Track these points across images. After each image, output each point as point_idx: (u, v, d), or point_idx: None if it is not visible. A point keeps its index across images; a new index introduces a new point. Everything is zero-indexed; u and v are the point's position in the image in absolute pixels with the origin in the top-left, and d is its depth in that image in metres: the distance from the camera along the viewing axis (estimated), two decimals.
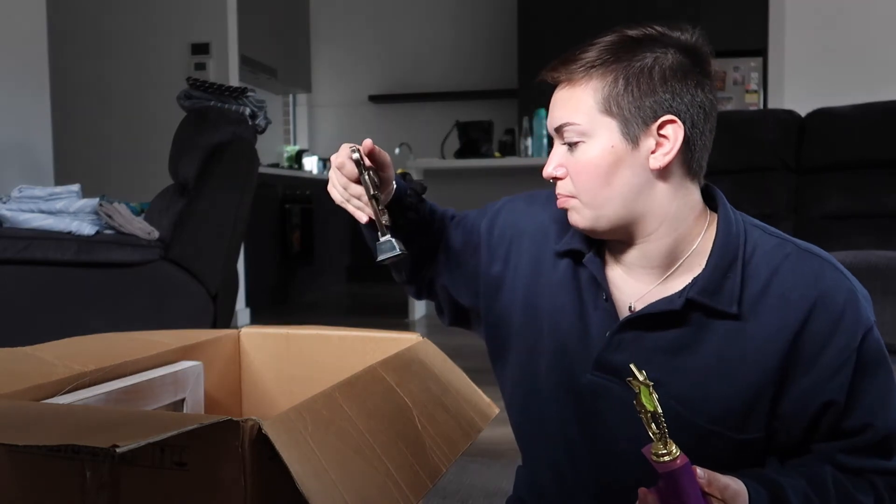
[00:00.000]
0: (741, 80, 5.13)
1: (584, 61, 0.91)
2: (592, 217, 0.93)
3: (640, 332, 0.94)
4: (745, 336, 0.90)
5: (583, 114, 0.91)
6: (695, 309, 0.92)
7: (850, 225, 2.69)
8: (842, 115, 2.86)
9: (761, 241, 0.94)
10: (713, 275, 0.91)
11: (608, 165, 0.90)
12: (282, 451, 0.72)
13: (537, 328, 1.03)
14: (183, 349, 1.26)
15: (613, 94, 0.89)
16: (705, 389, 0.91)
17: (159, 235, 2.52)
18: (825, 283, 0.90)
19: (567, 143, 0.93)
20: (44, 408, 0.86)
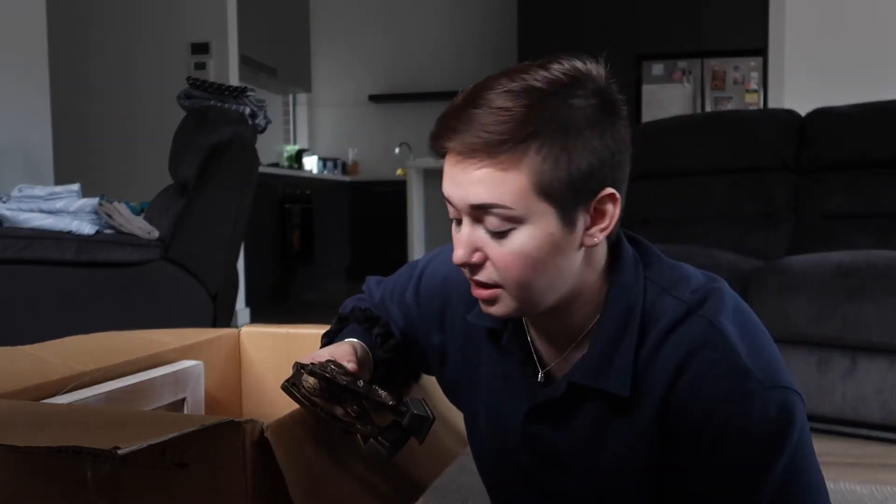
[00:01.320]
0: (741, 80, 5.13)
1: (517, 133, 0.74)
2: (519, 308, 0.81)
3: (547, 423, 0.88)
4: (642, 414, 0.81)
5: (514, 197, 0.75)
6: (587, 392, 0.83)
7: (850, 225, 2.69)
8: (842, 115, 2.85)
9: (659, 304, 0.82)
10: (599, 351, 0.82)
11: (545, 255, 0.77)
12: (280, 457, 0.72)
13: (475, 396, 0.98)
14: (183, 348, 1.26)
15: (549, 173, 0.75)
16: (618, 475, 0.84)
17: (159, 235, 2.52)
18: (699, 349, 0.78)
19: (487, 228, 0.78)
20: (44, 408, 0.86)
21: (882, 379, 2.09)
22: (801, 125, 2.93)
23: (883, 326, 2.06)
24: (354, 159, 7.14)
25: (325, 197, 6.34)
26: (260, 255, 5.09)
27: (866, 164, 2.75)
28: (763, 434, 0.76)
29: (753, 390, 0.76)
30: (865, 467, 1.95)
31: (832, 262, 2.20)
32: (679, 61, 5.19)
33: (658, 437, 0.81)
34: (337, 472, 0.81)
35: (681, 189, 3.03)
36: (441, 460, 1.04)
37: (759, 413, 0.76)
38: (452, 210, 0.80)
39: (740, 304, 0.84)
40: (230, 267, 2.80)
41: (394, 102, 7.02)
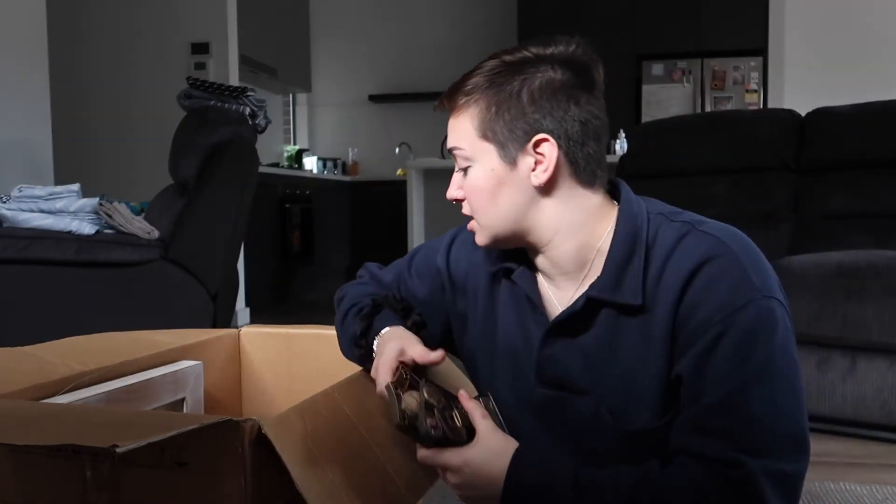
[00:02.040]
0: (741, 80, 5.13)
1: (461, 90, 0.97)
2: (488, 234, 1.00)
3: (564, 339, 0.98)
4: (652, 324, 0.92)
5: (466, 140, 0.97)
6: (601, 307, 0.95)
7: (851, 225, 2.69)
8: (842, 115, 2.85)
9: (664, 229, 0.95)
10: (611, 269, 0.94)
11: (492, 187, 0.96)
12: (282, 451, 0.72)
13: (493, 352, 1.07)
14: (183, 349, 1.26)
15: (487, 120, 0.95)
16: (630, 393, 0.93)
17: (159, 235, 2.52)
18: (707, 256, 0.90)
19: (460, 168, 0.99)
20: (44, 407, 0.86)
21: (882, 379, 2.09)
22: (801, 125, 2.93)
23: (883, 326, 2.05)
24: (354, 159, 7.14)
25: (325, 197, 6.34)
26: (260, 255, 5.09)
27: (866, 164, 2.75)
28: (753, 330, 0.86)
29: (752, 298, 0.87)
30: (865, 467, 1.95)
31: (832, 262, 2.20)
32: (679, 61, 5.19)
33: (669, 347, 0.90)
34: (342, 464, 0.81)
35: (681, 189, 3.03)
36: None
37: (753, 314, 0.87)
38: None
39: (733, 229, 0.96)
40: (230, 267, 2.80)
41: (394, 102, 7.02)
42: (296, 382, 1.40)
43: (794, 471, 0.85)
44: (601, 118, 0.97)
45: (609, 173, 1.02)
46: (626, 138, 4.30)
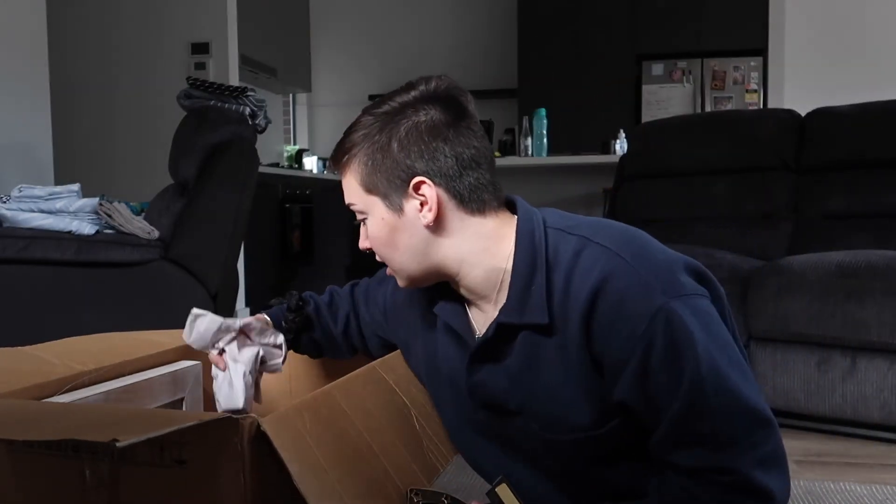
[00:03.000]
0: (741, 80, 5.13)
1: (342, 150, 1.03)
2: (404, 277, 1.05)
3: (487, 364, 1.01)
4: (567, 343, 0.93)
5: (355, 196, 1.02)
6: (515, 330, 0.97)
7: (850, 225, 2.69)
8: (842, 115, 2.85)
9: (562, 243, 0.96)
10: (515, 291, 0.96)
11: (387, 235, 1.01)
12: (280, 449, 0.72)
13: (436, 377, 1.12)
14: (182, 349, 1.26)
15: (367, 174, 1.00)
16: (555, 407, 0.96)
17: (159, 235, 2.52)
18: (605, 274, 0.90)
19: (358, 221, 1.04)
20: (44, 406, 0.86)
21: (882, 379, 2.09)
22: (801, 125, 2.93)
23: (883, 326, 2.05)
24: None
25: (325, 197, 6.34)
26: (260, 255, 5.09)
27: (866, 164, 2.75)
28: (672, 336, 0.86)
29: (659, 306, 0.87)
30: (865, 467, 1.95)
31: (832, 262, 2.20)
32: (679, 61, 5.19)
33: (586, 361, 0.92)
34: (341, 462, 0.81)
35: (681, 189, 3.03)
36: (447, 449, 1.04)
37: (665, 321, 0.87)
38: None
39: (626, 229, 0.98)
40: (230, 267, 2.80)
41: None
42: (295, 382, 1.40)
43: (773, 445, 0.87)
44: (476, 146, 0.99)
45: (608, 174, 1.04)
46: (626, 138, 4.30)
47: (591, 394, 0.93)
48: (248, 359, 1.15)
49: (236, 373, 1.12)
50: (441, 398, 1.13)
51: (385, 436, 0.93)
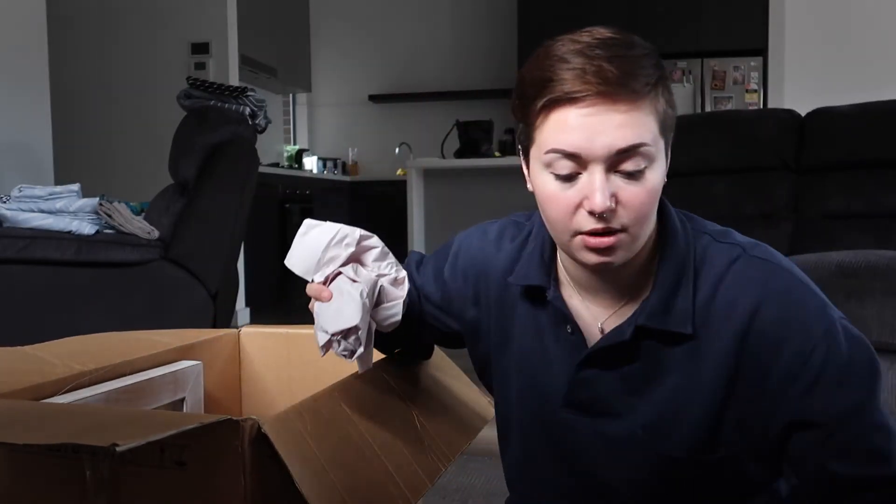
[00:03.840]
0: (741, 80, 5.13)
1: (649, 76, 0.80)
2: (634, 250, 0.85)
3: (599, 367, 0.90)
4: (701, 354, 0.85)
5: (651, 134, 0.81)
6: (649, 335, 0.87)
7: (850, 225, 2.69)
8: (842, 115, 2.85)
9: (711, 249, 0.88)
10: (662, 294, 0.86)
11: (660, 189, 0.84)
12: (281, 451, 0.72)
13: (508, 367, 1.00)
14: (183, 349, 1.26)
15: (668, 112, 0.84)
16: (672, 416, 0.87)
17: (159, 235, 2.52)
18: (771, 286, 0.83)
19: (623, 171, 0.81)
20: (44, 407, 0.86)
21: (882, 379, 2.09)
22: (801, 125, 2.93)
23: (883, 326, 2.05)
24: (354, 159, 7.14)
25: (325, 197, 6.34)
26: (260, 255, 5.09)
27: (866, 164, 2.75)
28: (860, 361, 0.82)
29: (835, 319, 0.82)
30: None
31: (832, 262, 2.20)
32: (679, 61, 5.19)
33: (723, 382, 0.84)
34: (343, 465, 0.81)
35: (681, 189, 3.03)
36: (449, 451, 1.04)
37: (846, 339, 0.82)
38: (569, 165, 0.81)
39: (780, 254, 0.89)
40: (230, 267, 2.80)
41: (394, 102, 7.02)
42: (296, 382, 1.40)
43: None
44: None
45: None
46: None
47: (713, 410, 0.85)
48: (369, 280, 0.89)
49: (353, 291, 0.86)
50: (509, 390, 1.00)
51: (386, 436, 0.93)
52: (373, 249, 0.94)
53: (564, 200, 0.82)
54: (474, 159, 4.55)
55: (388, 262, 0.94)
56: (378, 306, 0.90)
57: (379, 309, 0.90)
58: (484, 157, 4.63)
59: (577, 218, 0.82)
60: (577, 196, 0.81)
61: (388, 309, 0.91)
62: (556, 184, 0.82)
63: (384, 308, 0.91)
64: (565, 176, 0.81)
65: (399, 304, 0.91)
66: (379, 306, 0.90)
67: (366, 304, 0.86)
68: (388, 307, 0.91)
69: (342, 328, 0.85)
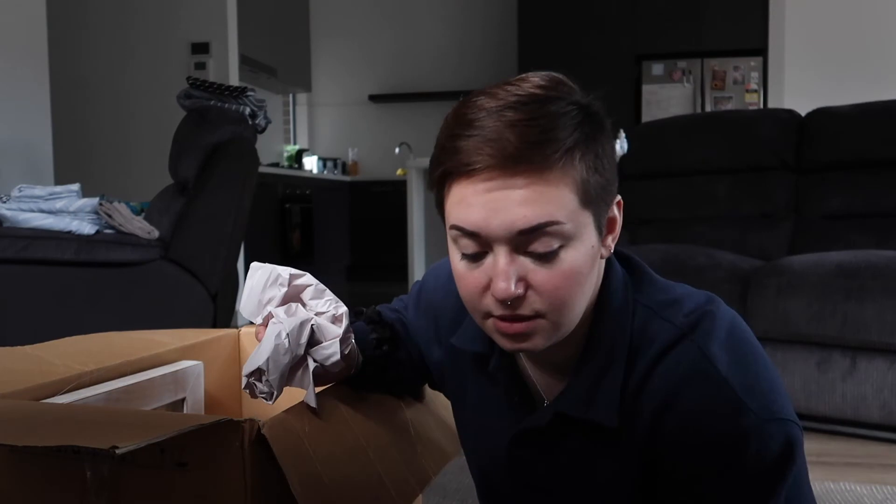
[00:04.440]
0: (741, 80, 5.13)
1: (559, 141, 0.69)
2: (558, 336, 0.76)
3: (530, 448, 0.85)
4: (624, 444, 0.78)
5: (568, 212, 0.71)
6: (571, 422, 0.80)
7: (850, 225, 2.69)
8: (842, 115, 2.85)
9: (651, 327, 0.78)
10: (585, 380, 0.78)
11: (587, 269, 0.74)
12: (279, 454, 0.72)
13: (466, 422, 0.97)
14: (183, 349, 1.26)
15: (594, 179, 0.72)
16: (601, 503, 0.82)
17: (159, 235, 2.52)
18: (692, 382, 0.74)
19: (532, 253, 0.71)
20: (44, 407, 0.86)
21: (882, 379, 2.09)
22: (801, 125, 2.93)
23: (883, 326, 2.05)
24: (354, 159, 7.14)
25: (325, 197, 6.34)
26: (260, 255, 5.07)
27: (866, 164, 2.75)
28: (760, 472, 0.73)
29: (748, 426, 0.72)
30: (865, 467, 1.95)
31: (832, 262, 2.20)
32: (679, 61, 5.19)
33: (644, 468, 0.78)
34: (337, 469, 0.81)
35: (681, 189, 3.03)
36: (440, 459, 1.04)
37: (755, 450, 0.72)
38: (472, 244, 0.73)
39: (736, 326, 0.79)
40: (230, 267, 2.80)
41: (394, 102, 7.02)
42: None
43: None
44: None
45: None
46: (625, 138, 4.30)
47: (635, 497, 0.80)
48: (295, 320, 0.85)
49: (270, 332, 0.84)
50: (467, 436, 0.97)
51: (381, 441, 0.93)
52: (308, 288, 0.91)
53: (472, 281, 0.74)
54: None
55: (325, 300, 0.90)
56: (316, 346, 0.86)
57: (317, 348, 0.86)
58: None
59: (485, 300, 0.74)
60: (483, 277, 0.73)
61: (326, 348, 0.86)
62: (464, 263, 0.75)
63: (322, 347, 0.86)
64: (471, 255, 0.73)
65: (335, 342, 0.86)
66: (317, 346, 0.86)
67: (283, 344, 0.82)
68: (325, 346, 0.86)
69: (249, 370, 0.83)
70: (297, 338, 0.84)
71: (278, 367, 0.83)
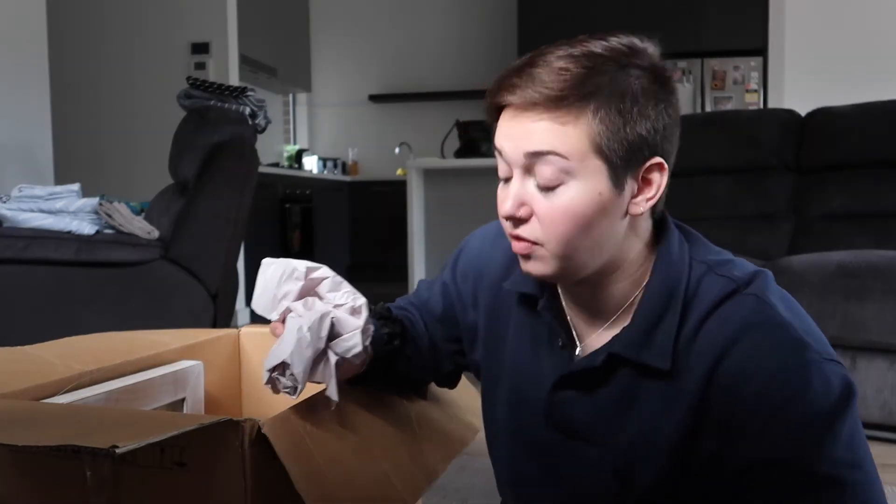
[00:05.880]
0: (741, 80, 5.13)
1: (578, 92, 0.77)
2: (559, 268, 0.82)
3: (577, 387, 0.88)
4: (676, 390, 0.82)
5: (572, 150, 0.77)
6: (624, 364, 0.84)
7: (850, 225, 2.69)
8: (842, 115, 2.85)
9: (706, 282, 0.83)
10: (641, 324, 0.83)
11: (592, 214, 0.79)
12: (280, 452, 0.72)
13: (499, 374, 0.98)
14: (183, 349, 1.26)
15: (609, 133, 0.78)
16: (641, 450, 0.84)
17: (159, 235, 2.52)
18: (750, 326, 0.78)
19: (540, 183, 0.80)
20: (44, 407, 0.86)
21: (882, 379, 2.09)
22: (801, 125, 2.93)
23: (883, 326, 2.05)
24: (354, 159, 7.15)
25: (325, 197, 6.34)
26: (260, 255, 5.07)
27: (866, 164, 2.75)
28: (825, 405, 0.75)
29: (811, 360, 0.76)
30: None
31: (832, 262, 2.20)
32: (679, 61, 5.19)
33: (692, 418, 0.81)
34: (342, 466, 0.81)
35: (681, 189, 3.03)
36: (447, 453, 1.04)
37: (820, 383, 0.75)
38: (503, 167, 0.83)
39: (785, 291, 0.85)
40: (230, 267, 2.80)
41: (394, 102, 7.02)
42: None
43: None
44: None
45: None
46: None
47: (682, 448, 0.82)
48: (315, 313, 0.85)
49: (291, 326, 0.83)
50: (497, 400, 0.98)
51: (385, 438, 0.93)
52: (324, 280, 0.91)
53: (498, 200, 0.84)
54: (474, 159, 4.55)
55: (343, 292, 0.90)
56: (336, 339, 0.86)
57: (338, 342, 0.86)
58: (484, 157, 4.63)
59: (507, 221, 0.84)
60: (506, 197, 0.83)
61: (347, 340, 0.86)
62: (500, 185, 0.85)
63: (343, 340, 0.86)
64: (504, 178, 0.84)
65: (357, 333, 0.86)
66: (338, 339, 0.86)
67: (305, 338, 0.82)
68: (346, 339, 0.86)
69: (272, 364, 0.83)
70: (317, 331, 0.84)
71: (302, 360, 0.83)
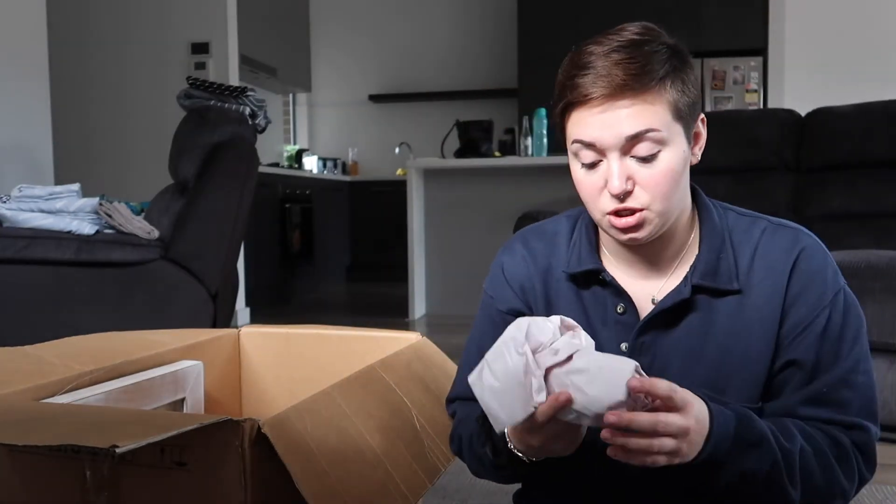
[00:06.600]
0: (741, 80, 5.13)
1: (654, 73, 0.92)
2: (660, 225, 0.96)
3: (657, 331, 0.99)
4: (746, 309, 0.97)
5: (663, 122, 0.92)
6: (700, 293, 0.98)
7: (850, 225, 2.69)
8: (842, 115, 2.85)
9: (737, 222, 1.02)
10: (709, 257, 0.98)
11: (681, 169, 0.95)
12: (281, 451, 0.72)
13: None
14: (183, 349, 1.26)
15: (682, 100, 0.94)
16: (727, 371, 0.96)
17: (159, 235, 2.52)
18: (801, 247, 0.98)
19: (637, 156, 0.92)
20: (44, 407, 0.86)
21: (882, 379, 2.09)
22: (801, 125, 2.93)
23: (883, 326, 2.05)
24: (354, 159, 7.14)
25: (325, 197, 6.34)
26: (260, 255, 5.09)
27: (866, 164, 2.75)
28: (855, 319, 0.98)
29: (842, 286, 0.98)
30: None
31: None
32: None
33: (770, 333, 0.96)
34: (343, 465, 0.81)
35: None
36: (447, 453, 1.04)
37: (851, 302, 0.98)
38: (590, 154, 0.93)
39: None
40: (230, 267, 2.80)
41: (394, 102, 7.02)
42: (296, 382, 1.40)
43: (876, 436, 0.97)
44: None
45: None
46: None
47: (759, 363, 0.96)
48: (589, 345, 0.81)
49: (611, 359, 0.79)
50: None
51: (386, 436, 0.93)
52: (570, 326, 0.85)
53: (590, 184, 0.95)
54: (474, 159, 4.55)
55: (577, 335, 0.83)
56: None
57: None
58: (484, 157, 4.63)
59: (602, 199, 0.94)
60: (600, 180, 0.94)
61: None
62: (583, 171, 0.95)
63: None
64: (589, 164, 0.94)
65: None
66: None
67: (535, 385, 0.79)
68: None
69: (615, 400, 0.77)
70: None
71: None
